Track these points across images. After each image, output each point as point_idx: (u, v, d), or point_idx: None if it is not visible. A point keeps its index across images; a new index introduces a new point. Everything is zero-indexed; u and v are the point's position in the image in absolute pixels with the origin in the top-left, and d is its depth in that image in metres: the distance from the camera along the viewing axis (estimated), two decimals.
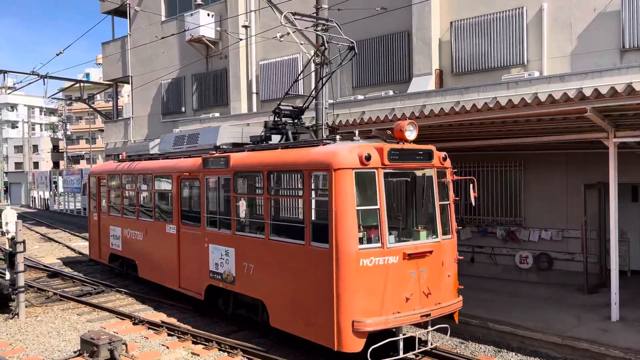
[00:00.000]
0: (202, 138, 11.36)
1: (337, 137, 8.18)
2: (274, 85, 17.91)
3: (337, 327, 7.11)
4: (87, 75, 64.11)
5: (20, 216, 16.31)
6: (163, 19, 22.19)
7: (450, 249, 8.44)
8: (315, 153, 7.90)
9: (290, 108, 10.43)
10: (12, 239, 10.67)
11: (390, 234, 7.51)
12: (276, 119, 10.16)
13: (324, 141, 8.23)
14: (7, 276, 10.92)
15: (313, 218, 7.81)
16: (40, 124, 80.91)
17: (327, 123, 12.52)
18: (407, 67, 14.49)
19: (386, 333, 7.39)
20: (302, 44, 12.89)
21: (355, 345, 7.09)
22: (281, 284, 8.15)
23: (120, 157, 14.47)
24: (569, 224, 11.57)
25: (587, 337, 8.03)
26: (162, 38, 20.20)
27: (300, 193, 8.06)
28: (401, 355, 7.45)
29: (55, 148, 65.41)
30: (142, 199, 12.73)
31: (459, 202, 13.05)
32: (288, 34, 12.87)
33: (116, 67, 24.93)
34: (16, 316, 10.32)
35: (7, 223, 11.16)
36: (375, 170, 7.40)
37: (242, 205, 8.91)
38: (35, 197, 43.14)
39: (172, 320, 9.96)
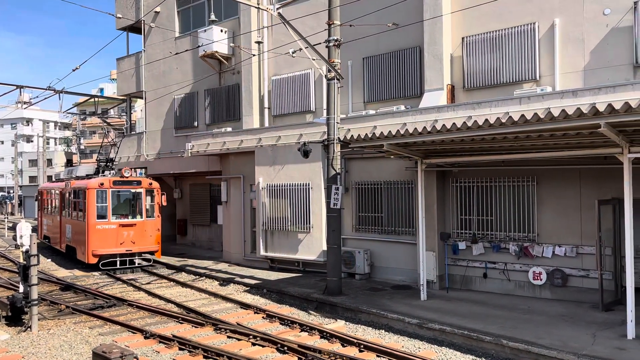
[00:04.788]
0: (74, 172, 22.49)
1: (100, 174, 19.62)
2: (286, 100, 18.03)
3: (87, 253, 17.33)
4: (101, 90, 65.01)
5: (34, 229, 17.25)
6: (177, 35, 22.50)
7: (152, 224, 18.32)
8: (86, 181, 18.34)
9: (105, 158, 20.47)
10: (26, 252, 10.76)
11: (115, 214, 17.65)
12: (99, 163, 20.49)
13: (95, 176, 19.61)
14: (21, 289, 11.01)
15: (87, 209, 17.45)
16: (55, 138, 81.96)
17: (338, 137, 12.59)
18: (418, 82, 14.53)
19: (120, 260, 17.80)
20: (314, 59, 13.01)
21: (93, 260, 17.26)
22: (78, 238, 18.44)
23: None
24: (584, 240, 11.44)
25: (603, 356, 7.90)
26: (176, 54, 20.47)
27: (82, 198, 18.00)
28: (118, 267, 17.54)
29: (69, 162, 66.05)
30: (52, 203, 22.78)
31: (472, 219, 13.04)
32: (300, 49, 13.01)
33: (130, 82, 25.26)
34: (29, 329, 10.38)
35: (21, 236, 11.25)
36: (106, 189, 17.50)
37: (73, 203, 19.25)
38: None
39: (184, 335, 9.96)
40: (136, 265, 17.87)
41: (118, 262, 17.55)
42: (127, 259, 17.76)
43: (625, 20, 11.26)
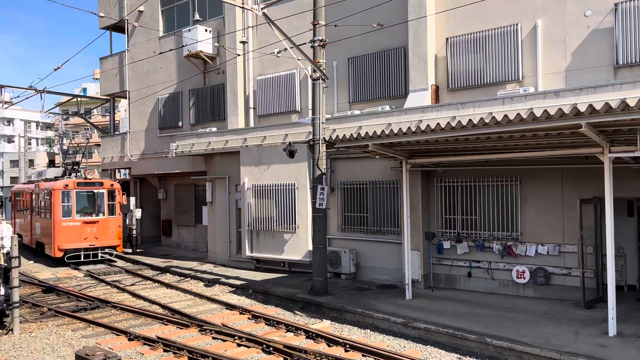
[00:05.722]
0: (44, 174, 23.61)
1: (66, 176, 21.59)
2: (271, 100, 17.99)
3: (54, 247, 19.16)
4: (84, 90, 64.23)
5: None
6: (161, 34, 22.33)
7: (114, 221, 20.31)
8: (53, 183, 20.15)
9: (72, 161, 22.88)
10: (7, 254, 10.60)
11: (79, 212, 19.58)
12: (66, 166, 22.60)
13: (62, 178, 21.34)
14: (2, 291, 10.83)
15: (54, 208, 19.33)
16: (37, 139, 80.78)
17: (324, 138, 12.59)
18: (403, 82, 14.60)
19: (84, 254, 19.59)
20: (299, 59, 13.00)
21: (59, 254, 19.04)
22: (46, 235, 20.19)
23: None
24: (566, 238, 11.59)
25: (585, 353, 8.01)
26: (160, 53, 20.32)
27: (49, 198, 19.73)
28: (82, 259, 19.31)
29: (52, 162, 65.19)
30: (24, 203, 24.59)
31: (456, 218, 13.14)
32: (285, 49, 12.99)
33: (114, 81, 25.01)
34: (10, 332, 10.24)
35: (2, 238, 11.07)
36: (71, 190, 19.41)
37: (42, 203, 21.00)
38: None
39: (169, 336, 9.89)
40: (99, 258, 19.84)
41: (82, 256, 19.40)
42: (91, 252, 19.66)
43: (606, 22, 11.43)
